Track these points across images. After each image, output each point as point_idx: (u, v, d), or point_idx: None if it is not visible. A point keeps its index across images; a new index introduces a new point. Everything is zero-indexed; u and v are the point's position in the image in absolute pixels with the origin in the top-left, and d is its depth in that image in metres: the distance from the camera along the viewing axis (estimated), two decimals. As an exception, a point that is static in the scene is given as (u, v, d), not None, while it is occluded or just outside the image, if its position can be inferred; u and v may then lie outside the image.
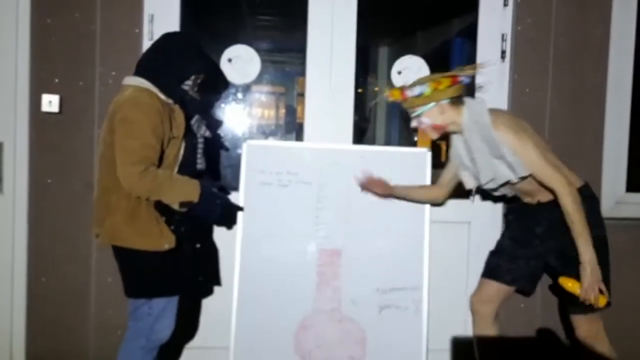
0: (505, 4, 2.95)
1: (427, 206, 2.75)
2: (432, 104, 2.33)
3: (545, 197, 2.40)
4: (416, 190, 2.70)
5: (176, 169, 2.23)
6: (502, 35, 2.96)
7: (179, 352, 2.87)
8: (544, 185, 2.31)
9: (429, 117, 2.35)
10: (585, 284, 2.21)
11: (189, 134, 2.29)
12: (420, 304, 2.73)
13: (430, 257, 2.77)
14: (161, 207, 2.18)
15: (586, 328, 2.43)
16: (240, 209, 2.65)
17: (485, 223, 2.98)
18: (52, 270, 2.78)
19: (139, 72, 2.21)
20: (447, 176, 2.63)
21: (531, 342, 2.99)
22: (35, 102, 2.72)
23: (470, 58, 3.11)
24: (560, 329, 2.96)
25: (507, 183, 2.39)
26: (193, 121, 2.31)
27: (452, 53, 4.50)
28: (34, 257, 2.78)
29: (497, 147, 2.30)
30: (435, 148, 3.43)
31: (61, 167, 2.76)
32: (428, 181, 2.76)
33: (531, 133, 2.34)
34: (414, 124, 2.42)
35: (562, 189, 2.22)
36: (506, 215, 2.73)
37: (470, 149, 2.40)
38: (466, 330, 3.00)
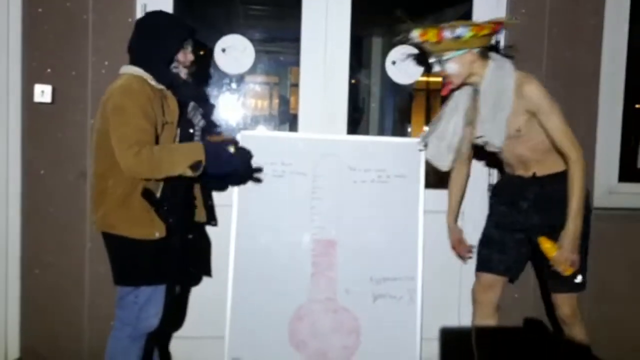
0: (500, -6, 2.95)
1: (421, 196, 2.76)
2: (465, 50, 2.28)
3: (542, 169, 2.39)
4: (457, 194, 2.71)
5: None
6: (496, 26, 2.95)
7: (167, 340, 2.88)
8: (548, 155, 2.32)
9: (458, 63, 2.31)
10: (563, 250, 2.25)
11: (184, 121, 2.29)
12: (414, 294, 2.75)
13: (424, 247, 2.78)
14: (150, 198, 2.17)
15: (567, 307, 2.44)
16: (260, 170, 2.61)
17: (478, 212, 2.99)
18: (46, 261, 2.77)
19: (131, 61, 2.25)
20: (463, 149, 2.58)
21: (526, 333, 3.01)
22: (27, 93, 2.70)
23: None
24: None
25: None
26: (189, 109, 2.32)
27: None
28: (28, 248, 2.77)
29: (501, 109, 2.27)
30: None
31: (54, 157, 2.74)
32: (422, 171, 2.76)
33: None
34: (437, 68, 2.36)
35: (575, 156, 2.24)
36: (490, 198, 2.73)
37: (481, 103, 2.35)
38: (459, 319, 3.03)
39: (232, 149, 2.18)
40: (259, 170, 2.62)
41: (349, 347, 2.73)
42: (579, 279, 2.36)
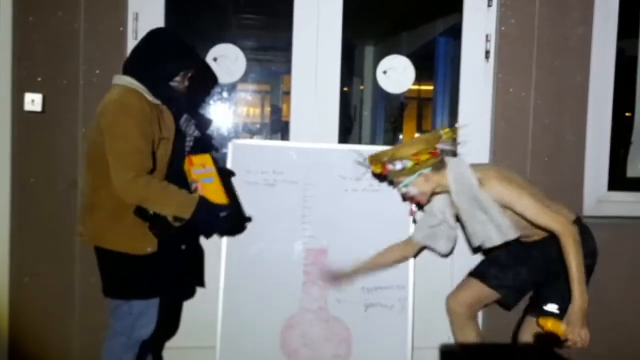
0: (489, 5, 2.97)
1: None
2: (416, 174, 2.33)
3: (538, 235, 2.41)
4: (381, 257, 2.70)
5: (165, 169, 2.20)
6: (486, 36, 2.98)
7: (160, 348, 2.87)
8: (538, 227, 2.32)
9: (415, 185, 2.36)
10: (574, 327, 2.21)
11: (178, 134, 2.26)
12: (406, 303, 2.75)
13: (414, 256, 2.78)
14: (143, 215, 2.13)
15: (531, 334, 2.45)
16: (248, 219, 2.64)
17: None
18: (36, 271, 2.75)
19: (127, 71, 2.17)
20: (421, 234, 2.61)
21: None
22: (17, 101, 2.68)
23: (454, 58, 3.13)
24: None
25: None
26: (182, 121, 2.28)
27: (436, 52, 4.54)
28: (17, 257, 2.75)
29: (485, 208, 2.30)
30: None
31: (44, 166, 2.73)
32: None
33: (520, 181, 2.36)
34: (402, 191, 2.41)
35: (563, 231, 2.23)
36: None
37: (459, 210, 2.39)
38: (450, 328, 3.03)
39: (223, 214, 2.17)
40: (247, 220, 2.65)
41: (340, 356, 2.72)
42: (550, 307, 2.35)
